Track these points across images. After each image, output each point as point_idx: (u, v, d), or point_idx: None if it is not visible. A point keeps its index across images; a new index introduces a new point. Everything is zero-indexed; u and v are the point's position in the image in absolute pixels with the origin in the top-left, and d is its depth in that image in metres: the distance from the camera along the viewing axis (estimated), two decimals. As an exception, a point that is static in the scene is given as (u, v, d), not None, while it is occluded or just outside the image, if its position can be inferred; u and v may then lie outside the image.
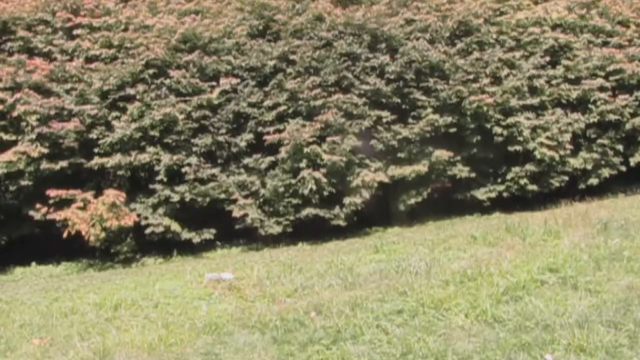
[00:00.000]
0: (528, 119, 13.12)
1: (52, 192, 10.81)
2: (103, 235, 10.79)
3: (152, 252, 11.62)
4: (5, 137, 11.17)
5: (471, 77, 12.88)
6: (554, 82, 13.64)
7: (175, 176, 11.52)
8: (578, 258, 6.01)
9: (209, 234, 11.61)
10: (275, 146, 11.64)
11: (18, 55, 11.68)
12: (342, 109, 11.83)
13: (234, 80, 11.99)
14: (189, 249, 11.56)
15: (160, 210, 11.39)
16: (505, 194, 13.23)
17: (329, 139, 11.54)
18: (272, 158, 11.71)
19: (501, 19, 13.90)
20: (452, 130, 12.73)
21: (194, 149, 11.65)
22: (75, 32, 12.34)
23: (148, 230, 11.27)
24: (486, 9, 13.61)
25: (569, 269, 5.65)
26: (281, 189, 11.46)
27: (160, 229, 11.24)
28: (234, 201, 11.60)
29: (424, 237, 9.59)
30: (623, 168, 14.20)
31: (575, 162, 13.54)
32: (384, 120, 12.25)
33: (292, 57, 12.17)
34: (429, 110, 12.54)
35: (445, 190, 13.04)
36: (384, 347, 4.39)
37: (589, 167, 13.68)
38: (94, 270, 11.07)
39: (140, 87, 11.56)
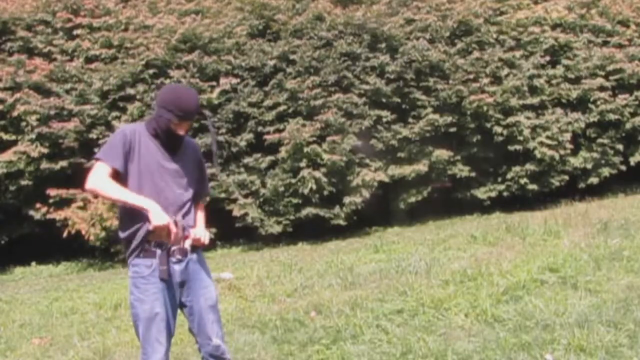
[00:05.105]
0: (528, 118, 13.13)
1: (52, 192, 10.81)
2: (103, 234, 10.78)
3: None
4: (5, 137, 11.19)
5: (471, 76, 12.88)
6: (554, 81, 13.66)
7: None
8: (578, 258, 6.01)
9: (209, 233, 11.59)
10: (275, 146, 11.64)
11: (18, 55, 11.68)
12: (342, 108, 11.83)
13: (234, 80, 11.99)
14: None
15: (161, 210, 11.37)
16: (505, 194, 13.24)
17: (329, 138, 11.54)
18: (272, 157, 11.72)
19: (501, 18, 13.91)
20: (452, 129, 12.74)
21: (194, 148, 11.65)
22: (75, 32, 12.34)
23: (148, 230, 11.26)
24: (486, 9, 13.61)
25: (569, 269, 5.64)
26: (281, 189, 11.47)
27: (161, 229, 11.23)
28: (234, 200, 11.60)
29: (424, 236, 9.58)
30: (623, 167, 14.22)
31: (576, 162, 13.56)
32: (384, 119, 12.26)
33: (292, 56, 12.17)
34: (429, 109, 12.56)
35: (445, 189, 13.05)
36: (384, 346, 4.39)
37: (589, 166, 13.70)
38: (94, 270, 11.08)
39: (141, 87, 11.55)
